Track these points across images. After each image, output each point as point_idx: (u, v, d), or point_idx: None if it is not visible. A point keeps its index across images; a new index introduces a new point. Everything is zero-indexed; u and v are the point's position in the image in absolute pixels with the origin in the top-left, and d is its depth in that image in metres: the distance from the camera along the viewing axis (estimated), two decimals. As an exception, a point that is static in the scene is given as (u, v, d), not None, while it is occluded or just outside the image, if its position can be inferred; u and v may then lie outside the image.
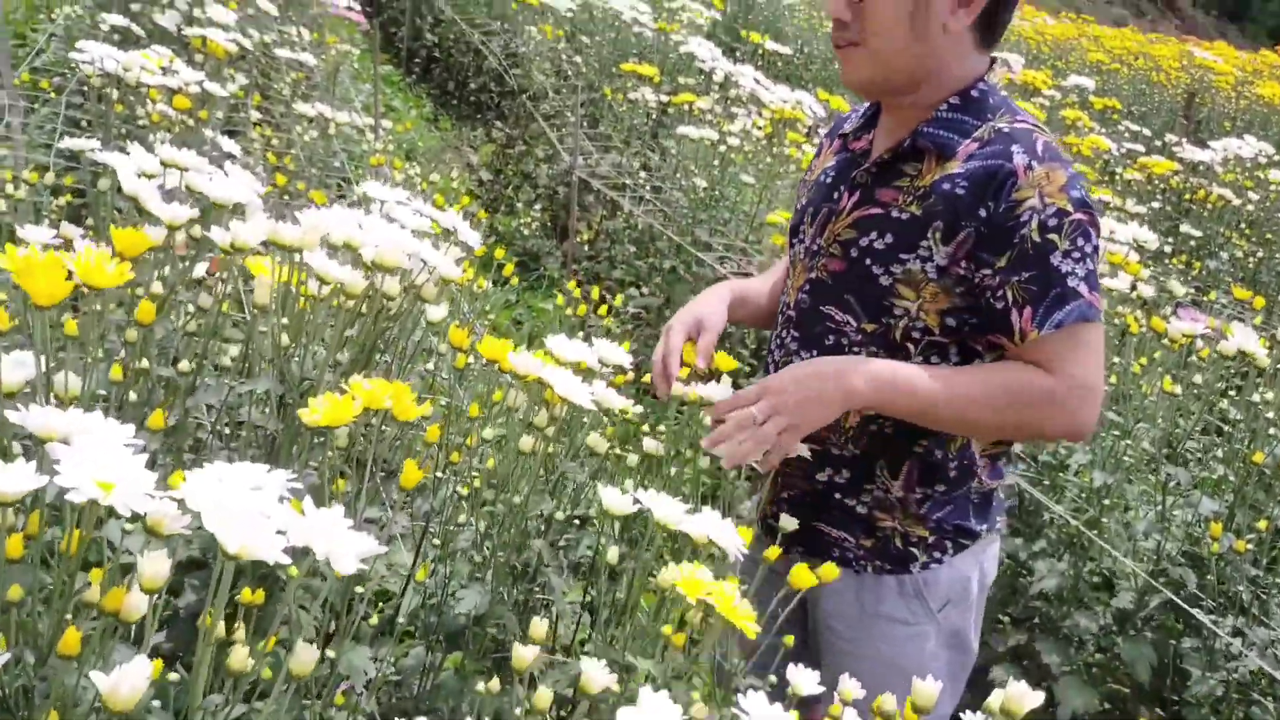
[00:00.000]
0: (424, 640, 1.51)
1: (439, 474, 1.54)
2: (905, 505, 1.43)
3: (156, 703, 0.95)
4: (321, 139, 3.47)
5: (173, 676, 0.96)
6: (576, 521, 1.56)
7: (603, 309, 2.20)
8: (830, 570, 1.18)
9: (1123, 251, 2.54)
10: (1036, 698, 0.88)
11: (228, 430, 1.34)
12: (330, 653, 1.13)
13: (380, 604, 1.53)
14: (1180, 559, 2.10)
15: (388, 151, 3.67)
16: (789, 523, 1.30)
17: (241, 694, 0.89)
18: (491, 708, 1.14)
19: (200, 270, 1.50)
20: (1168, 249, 4.21)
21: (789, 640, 1.19)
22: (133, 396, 1.21)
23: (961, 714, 0.97)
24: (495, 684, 1.11)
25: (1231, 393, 2.52)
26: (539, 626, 1.05)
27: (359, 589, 1.13)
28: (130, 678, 0.74)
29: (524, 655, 0.98)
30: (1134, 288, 2.41)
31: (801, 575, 1.13)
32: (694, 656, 1.10)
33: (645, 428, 1.60)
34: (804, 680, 1.08)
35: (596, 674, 0.93)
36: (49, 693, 0.87)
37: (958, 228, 1.34)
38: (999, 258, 1.32)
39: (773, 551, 1.23)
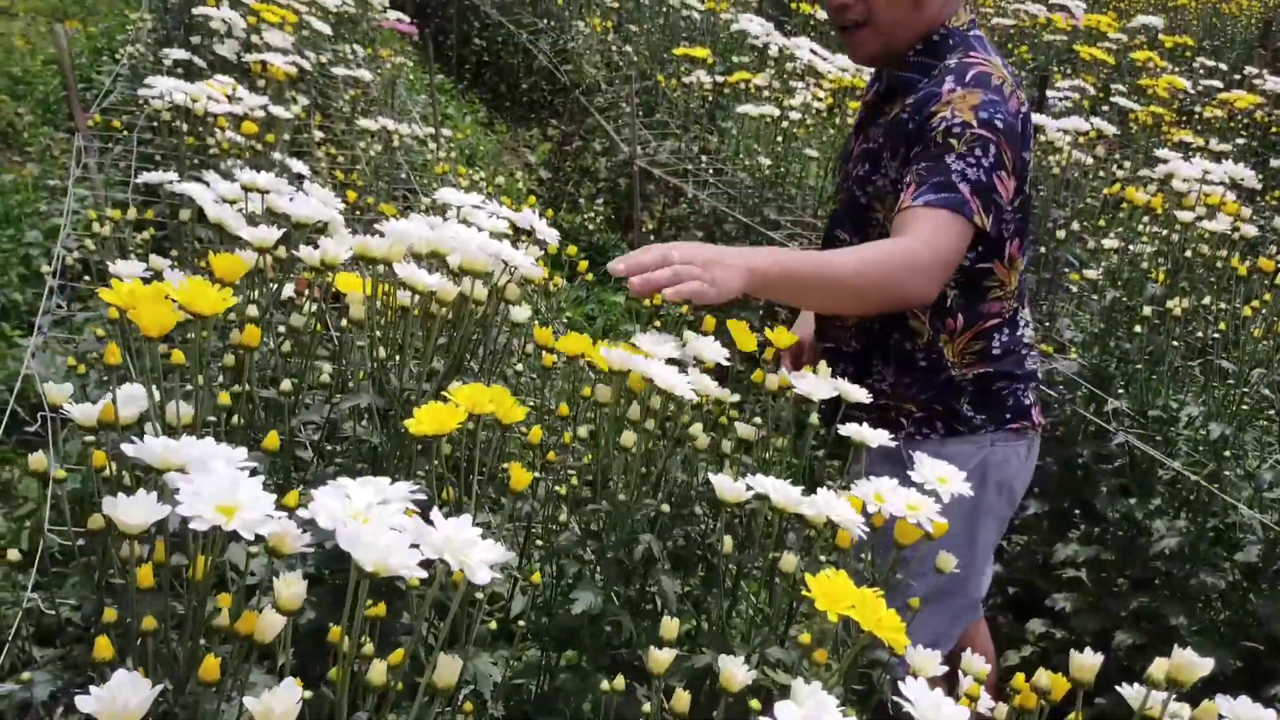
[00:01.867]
0: (537, 642, 1.50)
1: (537, 475, 1.53)
2: (896, 390, 1.69)
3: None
4: (385, 153, 3.49)
5: (307, 694, 0.96)
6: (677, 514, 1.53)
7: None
8: None
9: (1219, 191, 2.43)
10: (1205, 665, 0.83)
11: (329, 447, 1.34)
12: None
13: (488, 607, 1.53)
14: (1311, 508, 2.00)
15: (450, 159, 3.68)
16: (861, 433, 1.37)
17: (380, 709, 0.89)
18: (616, 706, 1.12)
19: (289, 291, 1.51)
20: (1258, 185, 4.02)
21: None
22: (236, 420, 1.21)
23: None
24: (620, 683, 1.09)
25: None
26: (670, 626, 1.02)
27: (478, 595, 1.12)
28: (282, 700, 0.73)
29: (660, 658, 0.96)
30: (1236, 228, 2.30)
31: None
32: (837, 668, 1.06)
33: (734, 413, 1.55)
34: (928, 663, 1.04)
35: (737, 671, 0.90)
36: (192, 718, 0.87)
37: (899, 146, 1.62)
38: (911, 153, 1.58)
39: None
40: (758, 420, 1.51)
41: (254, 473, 0.88)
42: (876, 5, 1.63)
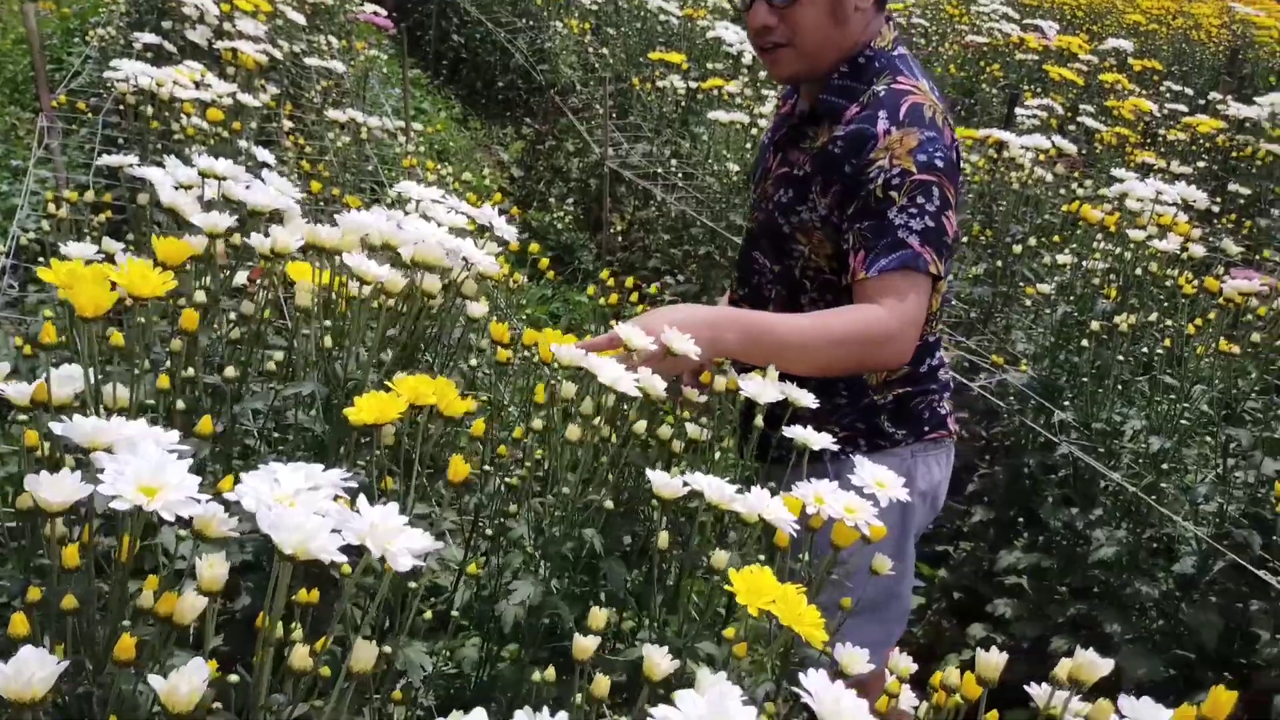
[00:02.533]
0: (479, 632, 1.51)
1: (486, 468, 1.54)
2: (819, 414, 1.58)
3: (218, 704, 0.96)
4: (353, 144, 3.49)
5: (233, 678, 0.96)
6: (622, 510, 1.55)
7: (634, 296, 2.18)
8: None
9: (1170, 212, 2.48)
10: (1106, 665, 0.85)
11: (275, 435, 1.35)
12: (386, 649, 1.13)
13: (432, 599, 1.54)
14: (1244, 521, 2.05)
15: (419, 153, 3.68)
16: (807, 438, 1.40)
17: (303, 693, 0.90)
18: (549, 696, 1.14)
19: (241, 278, 1.51)
20: (1215, 208, 4.11)
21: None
22: (180, 405, 1.22)
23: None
24: (551, 673, 1.11)
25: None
26: (598, 615, 1.04)
27: (412, 585, 1.13)
28: (188, 679, 0.74)
29: (585, 645, 0.98)
30: (1184, 248, 2.35)
31: None
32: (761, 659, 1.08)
33: (686, 414, 1.58)
34: (854, 660, 1.07)
35: (660, 660, 0.92)
36: (107, 699, 0.88)
37: (831, 182, 1.56)
38: (850, 207, 1.52)
39: None
40: (704, 420, 1.53)
41: (184, 456, 0.89)
42: (799, 27, 1.59)
